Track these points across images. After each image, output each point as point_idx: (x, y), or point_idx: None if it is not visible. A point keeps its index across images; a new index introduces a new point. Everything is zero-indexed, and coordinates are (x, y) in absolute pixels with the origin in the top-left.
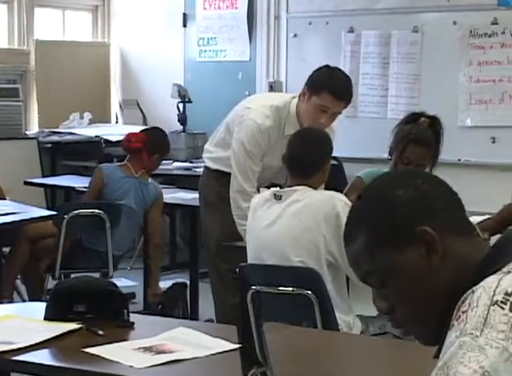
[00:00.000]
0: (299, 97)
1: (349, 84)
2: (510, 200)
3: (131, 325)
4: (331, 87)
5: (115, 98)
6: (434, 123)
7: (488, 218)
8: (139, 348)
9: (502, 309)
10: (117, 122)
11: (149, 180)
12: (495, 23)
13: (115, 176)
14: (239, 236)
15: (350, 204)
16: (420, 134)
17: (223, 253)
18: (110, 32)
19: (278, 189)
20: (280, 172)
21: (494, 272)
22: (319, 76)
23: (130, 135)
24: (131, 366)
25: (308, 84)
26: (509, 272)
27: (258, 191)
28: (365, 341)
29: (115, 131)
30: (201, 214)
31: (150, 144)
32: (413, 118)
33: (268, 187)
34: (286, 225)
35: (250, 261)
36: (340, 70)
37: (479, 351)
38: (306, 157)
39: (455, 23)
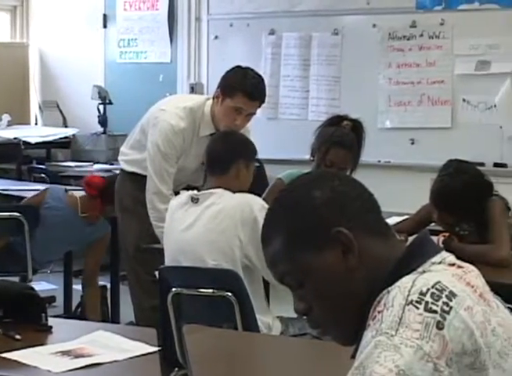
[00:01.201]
0: (213, 99)
1: (262, 84)
2: (427, 200)
3: (49, 329)
4: (244, 88)
5: (34, 99)
6: (357, 126)
7: (407, 219)
8: (57, 353)
9: (417, 308)
10: (36, 124)
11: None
12: (413, 25)
13: (58, 204)
14: (156, 239)
15: (267, 206)
16: (343, 137)
17: (140, 256)
18: (29, 33)
19: (195, 192)
20: (197, 174)
21: (409, 273)
22: (231, 78)
23: (90, 178)
24: (49, 371)
25: (220, 87)
26: (424, 272)
27: (176, 193)
28: (284, 342)
29: (34, 132)
30: (118, 217)
31: (107, 194)
32: (336, 121)
33: (187, 189)
34: (203, 228)
35: (167, 264)
36: (252, 70)
37: (394, 350)
38: (218, 152)
39: (374, 25)
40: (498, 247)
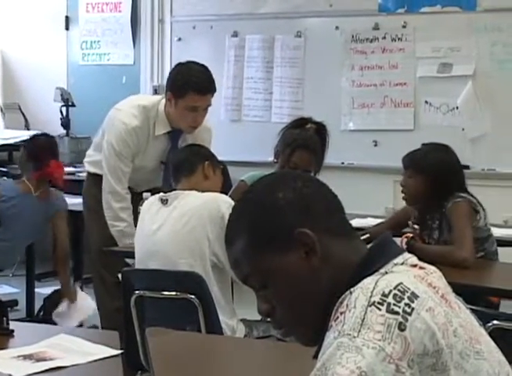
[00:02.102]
0: (166, 101)
1: (208, 74)
2: (391, 201)
3: (10, 333)
4: (194, 86)
5: None
6: (321, 129)
7: (382, 223)
8: (19, 356)
9: (379, 309)
10: None
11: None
12: (376, 28)
13: (12, 194)
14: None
15: None
16: (307, 140)
17: (104, 257)
18: None
19: (164, 193)
20: (155, 173)
21: (371, 274)
22: (177, 77)
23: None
24: (10, 375)
25: (169, 89)
26: (386, 273)
27: (138, 194)
28: (248, 345)
29: None
30: (85, 219)
31: (52, 153)
32: (300, 123)
33: (152, 193)
34: (172, 228)
35: (137, 265)
36: (195, 63)
37: (356, 351)
38: (182, 158)
39: (337, 28)
40: (460, 247)
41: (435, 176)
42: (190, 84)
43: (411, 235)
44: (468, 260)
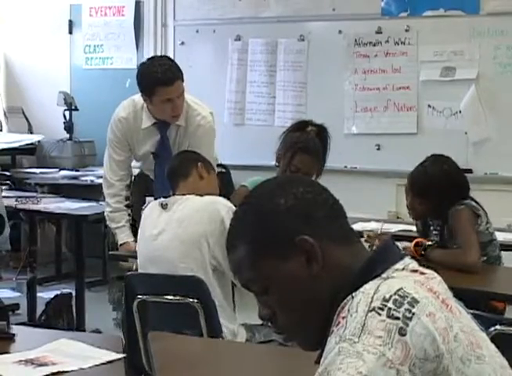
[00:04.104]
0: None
1: (169, 63)
2: (394, 205)
3: (12, 337)
4: (159, 81)
5: None
6: (321, 132)
7: None
8: (20, 361)
9: (380, 315)
10: (1, 130)
11: None
12: (379, 32)
13: None
14: None
15: (234, 209)
16: (308, 143)
17: None
18: None
19: (164, 198)
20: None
21: (373, 279)
22: (143, 78)
23: None
24: None
25: (140, 90)
26: (387, 278)
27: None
28: (250, 349)
29: None
30: None
31: None
32: (301, 126)
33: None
34: (173, 232)
35: (139, 270)
36: (154, 57)
37: (357, 357)
38: (175, 164)
39: (340, 31)
40: (467, 252)
41: (439, 196)
42: (155, 80)
43: (429, 242)
44: (476, 265)
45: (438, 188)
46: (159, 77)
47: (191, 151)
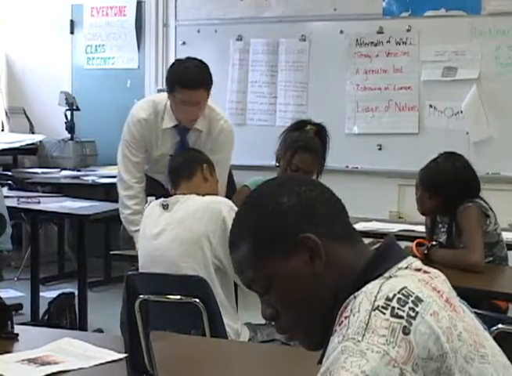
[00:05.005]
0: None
1: (200, 70)
2: (395, 205)
3: (15, 337)
4: (180, 80)
5: (1, 105)
6: (320, 131)
7: None
8: (23, 361)
9: (384, 314)
10: (2, 130)
11: None
12: (380, 32)
13: None
14: None
15: (236, 209)
16: (307, 141)
17: None
18: None
19: (165, 198)
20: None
21: (375, 278)
22: (169, 74)
23: None
24: None
25: (166, 84)
26: (390, 277)
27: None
28: (252, 349)
29: (0, 139)
30: None
31: None
32: (300, 126)
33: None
34: (174, 232)
35: (140, 269)
36: (192, 59)
37: (360, 355)
38: (179, 163)
39: (341, 31)
40: (471, 252)
41: (448, 193)
42: (178, 79)
43: (432, 243)
44: (479, 265)
45: (448, 184)
46: (182, 77)
47: (196, 150)
